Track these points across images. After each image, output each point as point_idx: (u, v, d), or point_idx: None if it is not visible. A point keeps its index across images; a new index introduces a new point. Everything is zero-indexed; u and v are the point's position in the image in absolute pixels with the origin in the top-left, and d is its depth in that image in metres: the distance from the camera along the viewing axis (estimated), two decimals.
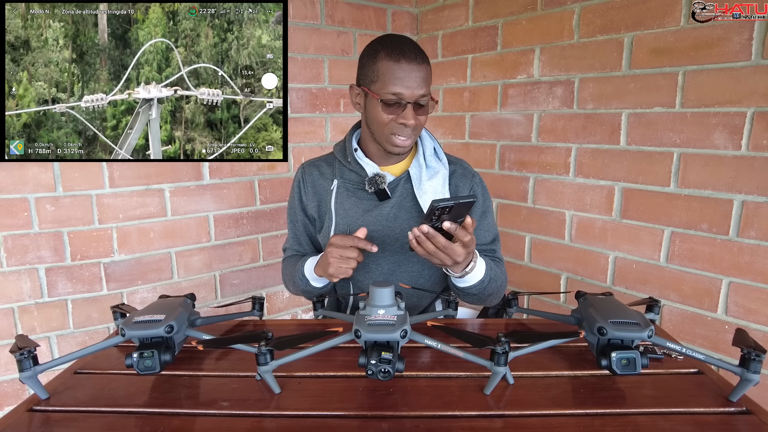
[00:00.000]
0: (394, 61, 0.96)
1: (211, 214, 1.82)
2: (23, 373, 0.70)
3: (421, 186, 1.05)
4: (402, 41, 0.99)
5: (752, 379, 0.67)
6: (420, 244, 0.85)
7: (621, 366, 0.68)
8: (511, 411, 0.67)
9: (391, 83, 0.96)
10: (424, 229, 0.82)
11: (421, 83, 0.97)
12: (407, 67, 0.95)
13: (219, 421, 0.67)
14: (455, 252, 0.85)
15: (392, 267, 1.09)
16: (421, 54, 0.98)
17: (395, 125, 0.99)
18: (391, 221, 1.07)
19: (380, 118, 1.00)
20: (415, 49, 0.98)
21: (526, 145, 1.87)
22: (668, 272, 1.51)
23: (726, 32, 1.33)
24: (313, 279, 1.05)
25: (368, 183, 1.06)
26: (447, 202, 0.77)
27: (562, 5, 1.68)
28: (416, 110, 0.99)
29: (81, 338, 1.64)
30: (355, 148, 1.10)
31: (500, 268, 1.07)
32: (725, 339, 1.41)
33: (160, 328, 0.72)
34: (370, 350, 0.65)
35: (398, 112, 0.98)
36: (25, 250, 1.51)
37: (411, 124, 0.98)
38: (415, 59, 0.96)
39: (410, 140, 1.02)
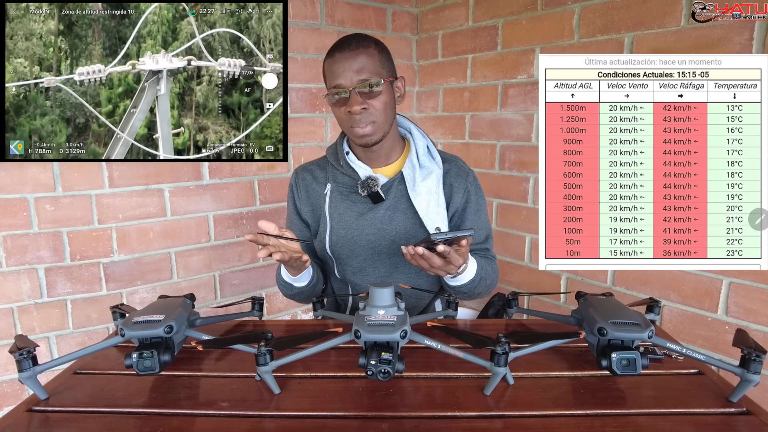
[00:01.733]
0: (329, 58, 1.00)
1: (210, 214, 1.82)
2: (22, 373, 0.70)
3: (415, 187, 1.05)
4: (343, 38, 1.01)
5: (752, 379, 0.67)
6: (413, 259, 0.85)
7: (621, 366, 0.68)
8: (511, 411, 0.67)
9: (331, 79, 0.99)
10: (419, 251, 0.82)
11: (357, 68, 0.97)
12: (340, 57, 0.97)
13: (218, 421, 0.67)
14: (448, 268, 0.86)
15: (389, 269, 1.09)
16: (356, 42, 0.98)
17: (348, 117, 1.00)
18: (386, 224, 1.06)
19: (338, 116, 1.02)
20: (350, 40, 0.99)
21: (526, 145, 1.87)
22: (668, 273, 1.51)
23: (726, 32, 1.33)
24: (292, 280, 1.04)
25: (361, 186, 1.05)
26: (444, 236, 0.79)
27: (563, 5, 1.68)
28: (364, 96, 0.98)
29: (80, 338, 1.64)
30: (347, 152, 1.10)
31: (491, 265, 1.07)
32: (725, 339, 1.41)
33: (160, 329, 0.72)
34: (370, 351, 0.65)
35: (346, 103, 0.99)
36: (25, 250, 1.51)
37: (357, 110, 0.97)
38: (347, 48, 0.97)
39: (369, 127, 1.00)
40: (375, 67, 0.98)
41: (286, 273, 1.03)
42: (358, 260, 1.08)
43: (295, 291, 1.06)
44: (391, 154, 1.09)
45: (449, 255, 0.82)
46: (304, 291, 1.07)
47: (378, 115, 1.00)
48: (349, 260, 1.09)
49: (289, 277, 1.03)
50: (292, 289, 1.06)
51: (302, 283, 1.05)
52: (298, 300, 1.11)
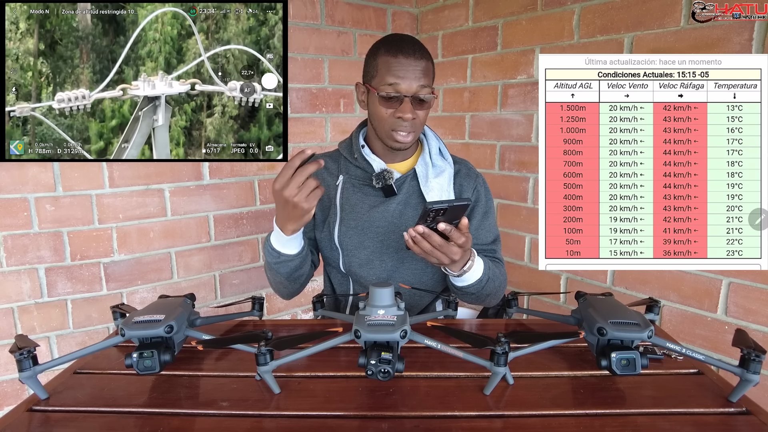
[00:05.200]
0: (391, 56, 0.98)
1: (210, 214, 1.82)
2: (23, 373, 0.70)
3: (428, 183, 1.07)
4: (403, 38, 1.01)
5: (752, 379, 0.67)
6: (416, 244, 0.86)
7: (621, 366, 0.68)
8: (511, 411, 0.67)
9: (389, 76, 0.98)
10: (419, 230, 0.83)
11: (418, 76, 0.98)
12: (404, 61, 0.97)
13: (219, 421, 0.67)
14: (451, 251, 0.86)
15: (396, 264, 1.09)
16: (420, 50, 0.99)
17: (394, 120, 1.00)
18: (396, 218, 1.07)
19: (380, 113, 1.01)
20: (414, 45, 0.99)
21: (526, 145, 1.87)
22: (668, 272, 1.51)
23: (726, 32, 1.33)
24: (282, 244, 0.97)
25: (375, 178, 1.06)
26: (441, 204, 0.78)
27: (562, 5, 1.68)
28: (415, 105, 0.99)
29: (81, 338, 1.64)
30: (362, 145, 1.11)
31: (499, 268, 1.08)
32: (725, 339, 1.41)
33: (160, 328, 0.72)
34: (370, 350, 0.65)
35: (396, 106, 0.99)
36: (25, 250, 1.51)
37: (408, 117, 0.99)
38: (413, 54, 0.98)
39: (411, 136, 1.02)
40: (429, 79, 1.01)
41: (276, 238, 0.97)
42: (366, 252, 1.09)
43: (282, 259, 0.99)
44: (406, 152, 1.11)
45: (450, 233, 0.83)
46: (290, 262, 1.00)
47: (419, 126, 1.04)
48: (357, 252, 1.09)
49: (279, 241, 0.96)
50: (279, 257, 0.99)
51: (292, 250, 0.98)
52: (281, 275, 1.03)
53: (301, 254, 1.01)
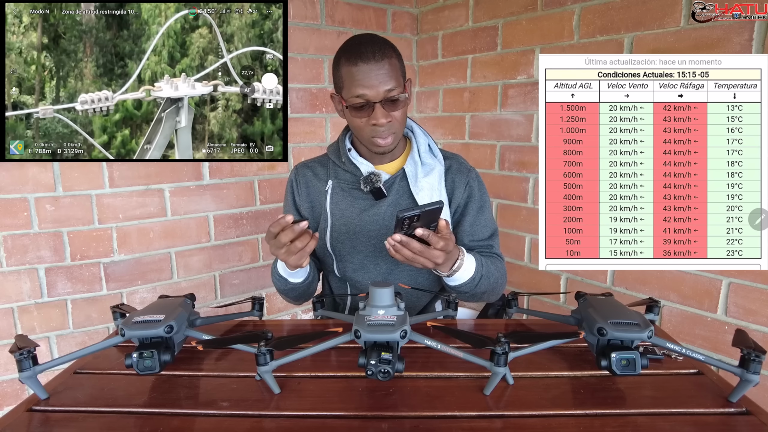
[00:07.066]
0: (352, 65, 0.95)
1: (210, 214, 1.82)
2: (23, 373, 0.70)
3: (417, 183, 1.05)
4: (361, 41, 0.98)
5: (752, 379, 0.67)
6: (397, 252, 0.85)
7: (621, 366, 0.68)
8: (511, 411, 0.67)
9: (354, 87, 0.95)
10: (396, 239, 0.82)
11: (383, 80, 0.95)
12: (365, 68, 0.94)
13: (218, 421, 0.67)
14: (433, 255, 0.85)
15: (390, 266, 1.08)
16: (381, 50, 0.96)
17: (371, 128, 0.99)
18: (387, 220, 1.06)
19: (355, 123, 1.00)
20: (373, 47, 0.95)
21: (526, 145, 1.87)
22: (668, 273, 1.51)
23: (726, 32, 1.33)
24: (288, 274, 1.01)
25: (363, 182, 1.05)
26: (413, 211, 0.78)
27: (562, 5, 1.68)
28: (388, 107, 0.97)
29: (81, 338, 1.64)
30: (349, 148, 1.09)
31: (496, 264, 1.05)
32: (725, 339, 1.41)
33: (160, 328, 0.72)
34: (370, 350, 0.65)
35: (369, 114, 0.97)
36: (25, 250, 1.51)
37: (383, 123, 0.97)
38: (372, 57, 0.94)
39: (391, 137, 1.01)
40: (397, 77, 0.98)
41: (283, 266, 1.01)
42: (360, 257, 1.08)
43: (289, 286, 1.04)
44: (394, 152, 1.09)
45: (429, 238, 0.82)
46: (298, 288, 1.05)
47: (398, 125, 1.01)
48: (350, 257, 1.09)
49: (285, 271, 1.01)
50: (286, 284, 1.04)
51: (298, 279, 1.03)
52: (290, 297, 1.09)
53: (308, 279, 1.05)
